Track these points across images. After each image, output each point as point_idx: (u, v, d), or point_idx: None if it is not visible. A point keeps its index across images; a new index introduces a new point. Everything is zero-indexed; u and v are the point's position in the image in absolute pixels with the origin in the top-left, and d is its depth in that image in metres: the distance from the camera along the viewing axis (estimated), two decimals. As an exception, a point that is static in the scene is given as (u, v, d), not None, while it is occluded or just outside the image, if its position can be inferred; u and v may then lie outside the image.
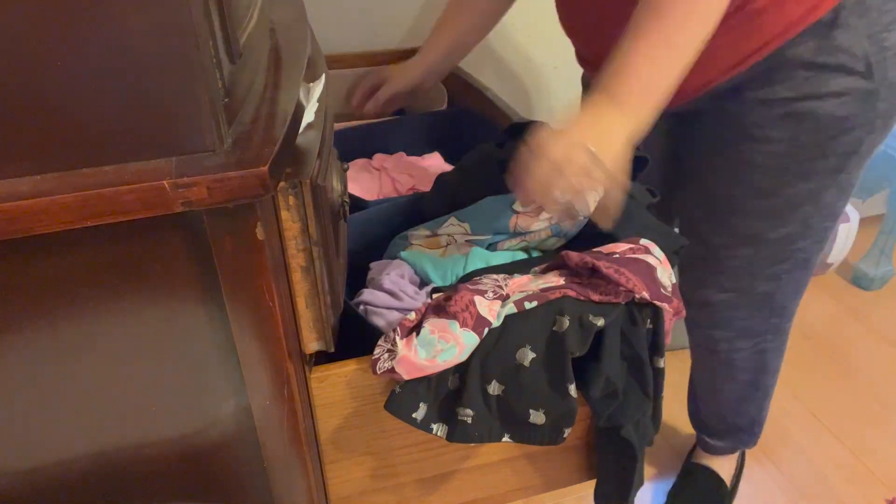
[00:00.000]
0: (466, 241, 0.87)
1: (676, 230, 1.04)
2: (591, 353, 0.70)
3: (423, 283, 0.87)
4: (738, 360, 1.06)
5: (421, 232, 0.90)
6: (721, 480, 1.21)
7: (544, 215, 0.81)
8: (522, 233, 0.83)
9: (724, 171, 0.88)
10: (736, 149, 0.85)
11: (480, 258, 0.84)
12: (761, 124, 0.81)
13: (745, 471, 1.27)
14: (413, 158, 1.17)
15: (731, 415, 1.15)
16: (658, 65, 0.65)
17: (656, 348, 0.72)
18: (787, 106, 0.79)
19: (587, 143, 0.64)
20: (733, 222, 0.90)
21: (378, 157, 1.16)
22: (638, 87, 0.65)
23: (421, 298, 0.82)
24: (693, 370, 1.17)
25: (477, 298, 0.67)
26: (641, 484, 0.79)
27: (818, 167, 0.82)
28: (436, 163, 1.17)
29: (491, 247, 0.86)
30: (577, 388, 0.71)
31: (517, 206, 0.82)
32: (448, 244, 0.89)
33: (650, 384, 0.73)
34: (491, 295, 0.69)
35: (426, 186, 1.10)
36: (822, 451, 1.33)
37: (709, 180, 0.91)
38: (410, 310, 0.81)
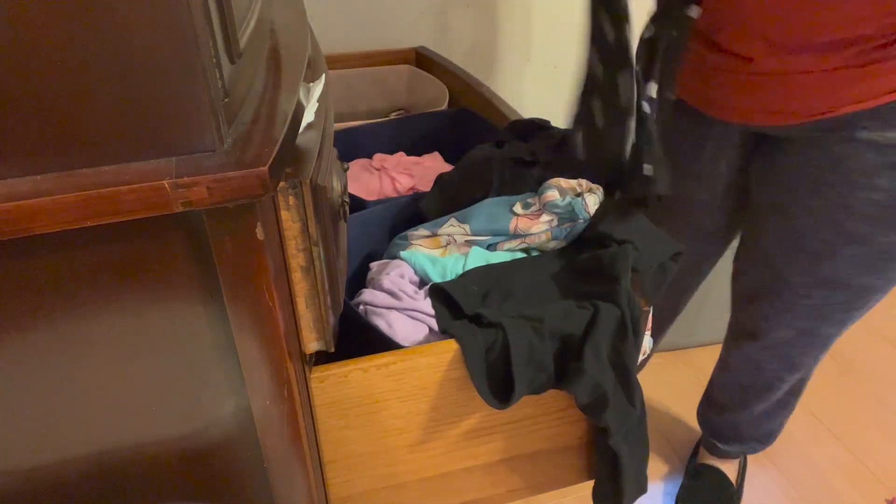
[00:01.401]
0: (466, 241, 0.87)
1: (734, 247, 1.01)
2: (577, 357, 0.70)
3: (422, 282, 0.87)
4: (780, 387, 1.04)
5: (421, 232, 0.90)
6: (728, 480, 1.22)
7: (544, 218, 0.81)
8: (522, 235, 0.83)
9: (817, 213, 0.82)
10: (835, 192, 0.80)
11: (480, 258, 0.85)
12: (868, 171, 0.76)
13: (746, 471, 1.27)
14: (413, 158, 1.17)
15: (750, 428, 1.14)
16: None
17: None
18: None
19: None
20: (817, 265, 0.86)
21: (378, 157, 1.16)
22: None
23: (421, 298, 0.82)
24: (720, 382, 1.13)
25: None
26: (643, 491, 0.79)
27: None
28: (436, 163, 1.17)
29: (491, 247, 0.86)
30: (566, 392, 0.71)
31: (517, 209, 0.82)
32: (448, 244, 0.89)
33: (636, 394, 0.73)
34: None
35: (426, 186, 1.10)
36: (822, 451, 1.33)
37: (797, 218, 0.85)
38: (411, 310, 0.81)
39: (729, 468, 1.23)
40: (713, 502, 1.19)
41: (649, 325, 0.81)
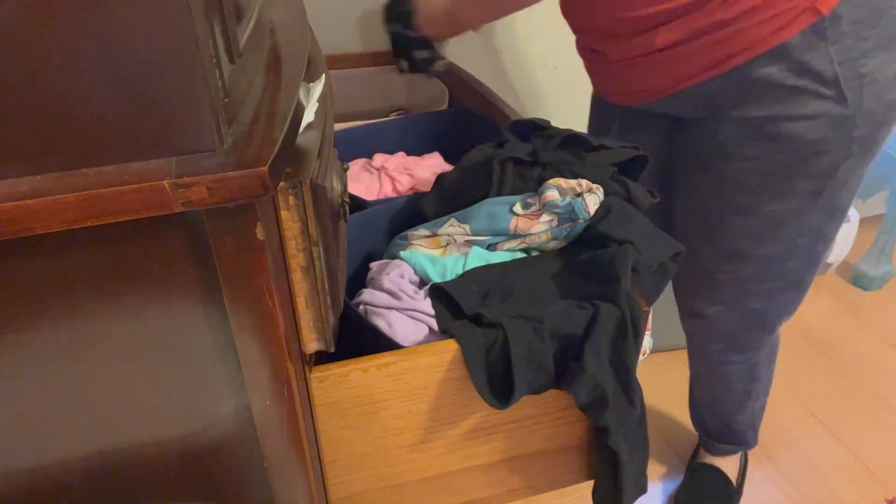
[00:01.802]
0: (466, 241, 0.87)
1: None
2: (577, 357, 0.70)
3: (422, 282, 0.87)
4: (732, 371, 1.08)
5: (421, 232, 0.90)
6: (728, 479, 1.22)
7: (544, 218, 0.81)
8: (522, 235, 0.83)
9: (704, 186, 0.90)
10: (714, 164, 0.87)
11: (480, 258, 0.85)
12: (736, 142, 0.83)
13: (746, 470, 1.27)
14: (413, 158, 1.17)
15: (728, 419, 1.17)
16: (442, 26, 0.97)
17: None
18: (760, 125, 0.80)
19: None
20: (716, 237, 0.92)
21: (378, 157, 1.16)
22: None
23: (421, 298, 0.82)
24: (691, 379, 1.18)
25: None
26: (643, 491, 0.79)
27: (794, 188, 0.83)
28: (436, 163, 1.17)
29: (491, 247, 0.86)
30: (566, 391, 0.71)
31: (517, 209, 0.82)
32: (448, 244, 0.89)
33: (636, 394, 0.73)
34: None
35: (426, 186, 1.10)
36: (822, 451, 1.33)
37: (693, 194, 0.93)
38: (410, 310, 0.81)
39: (729, 467, 1.23)
40: (713, 501, 1.20)
41: (649, 325, 0.81)
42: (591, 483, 0.88)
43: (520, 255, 0.85)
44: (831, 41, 0.74)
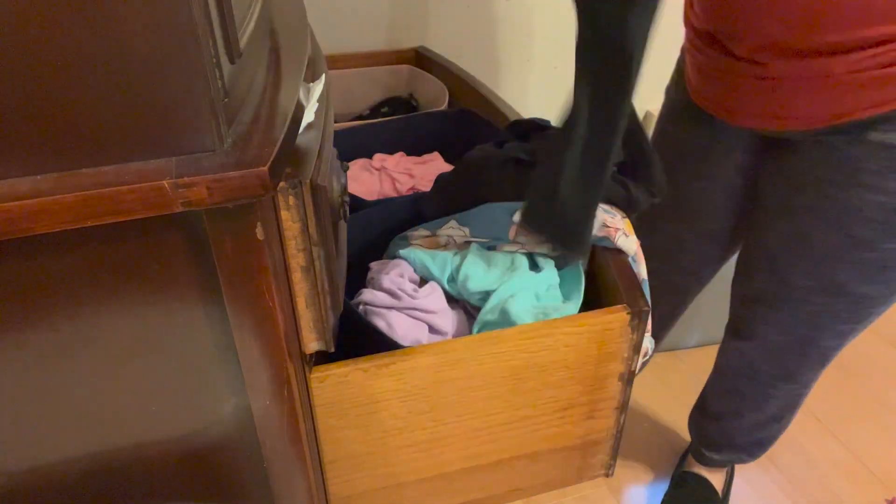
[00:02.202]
0: (465, 241, 0.87)
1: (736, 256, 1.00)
2: None
3: (423, 281, 0.87)
4: (774, 396, 1.02)
5: (420, 232, 0.90)
6: (714, 490, 1.21)
7: None
8: (521, 242, 0.83)
9: (824, 215, 0.81)
10: (844, 193, 0.78)
11: (479, 255, 0.85)
12: (878, 172, 0.75)
13: (745, 471, 1.27)
14: (413, 158, 1.17)
15: (741, 437, 1.12)
16: None
17: None
18: None
19: None
20: (821, 269, 0.84)
21: (378, 157, 1.16)
22: None
23: (421, 297, 0.82)
24: (715, 387, 1.12)
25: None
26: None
27: None
28: (436, 163, 1.17)
29: (490, 248, 0.86)
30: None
31: (517, 217, 0.82)
32: (447, 244, 0.89)
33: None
34: None
35: (426, 186, 1.10)
36: (822, 451, 1.33)
37: (804, 220, 0.84)
38: (410, 309, 0.82)
39: (715, 478, 1.21)
40: None
41: (649, 326, 0.81)
42: (590, 483, 0.88)
43: (520, 257, 0.85)
44: None
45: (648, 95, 1.73)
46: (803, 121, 0.76)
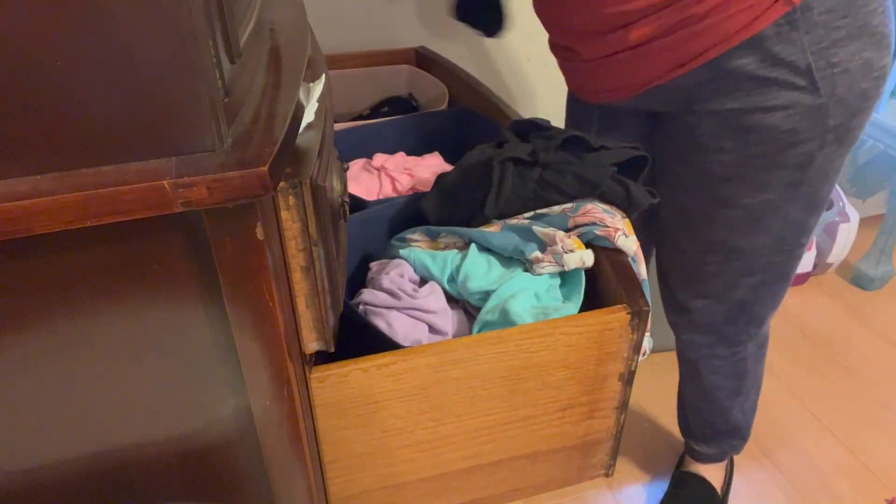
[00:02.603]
0: (466, 242, 0.87)
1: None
2: None
3: (422, 281, 0.87)
4: (720, 366, 1.08)
5: (418, 236, 0.90)
6: (713, 489, 1.21)
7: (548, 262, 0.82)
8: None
9: (685, 181, 0.90)
10: (693, 158, 0.87)
11: (479, 255, 0.85)
12: (713, 135, 0.83)
13: (745, 471, 1.27)
14: (413, 158, 1.17)
15: (717, 420, 1.16)
16: None
17: None
18: (735, 117, 0.81)
19: None
20: (700, 230, 0.92)
21: (378, 156, 1.16)
22: None
23: (420, 296, 0.82)
24: (680, 380, 1.18)
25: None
26: None
27: (772, 179, 0.84)
28: (436, 163, 1.17)
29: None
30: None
31: (528, 253, 0.82)
32: (446, 247, 0.89)
33: None
34: None
35: (426, 186, 1.10)
36: (822, 451, 1.33)
37: (674, 189, 0.93)
38: (410, 309, 0.82)
39: (714, 476, 1.22)
40: None
41: (649, 325, 0.81)
42: (590, 483, 0.88)
43: (519, 270, 0.85)
44: (803, 31, 0.74)
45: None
46: (627, 90, 0.85)
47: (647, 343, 0.82)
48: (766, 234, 0.89)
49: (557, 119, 1.69)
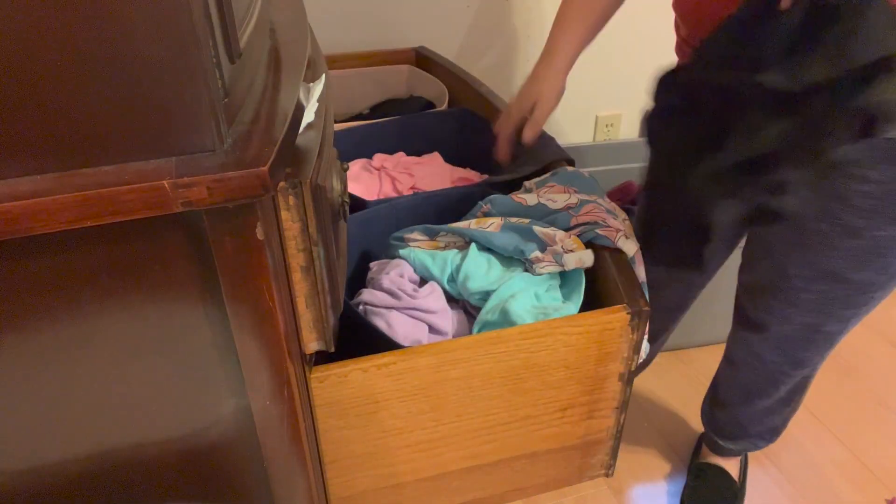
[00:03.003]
0: (466, 242, 0.87)
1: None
2: None
3: (422, 280, 0.87)
4: (783, 382, 1.04)
5: (416, 236, 0.90)
6: (732, 478, 1.22)
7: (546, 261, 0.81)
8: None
9: (814, 204, 0.84)
10: (830, 183, 0.81)
11: (479, 255, 0.85)
12: (860, 162, 0.78)
13: (747, 469, 1.28)
14: (413, 158, 1.17)
15: (753, 425, 1.13)
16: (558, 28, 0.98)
17: None
18: (890, 148, 0.76)
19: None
20: (815, 257, 0.87)
21: (378, 157, 1.16)
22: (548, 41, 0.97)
23: (420, 296, 0.82)
24: (724, 378, 1.13)
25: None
26: None
27: None
28: (436, 163, 1.17)
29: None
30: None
31: (528, 252, 0.82)
32: (446, 246, 0.89)
33: None
34: None
35: (426, 186, 1.10)
36: (822, 451, 1.33)
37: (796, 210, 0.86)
38: (410, 309, 0.81)
39: (731, 466, 1.23)
40: (718, 500, 1.19)
41: (647, 329, 0.81)
42: (590, 483, 0.88)
43: (519, 269, 0.85)
44: None
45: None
46: None
47: (644, 347, 0.82)
48: (882, 271, 0.85)
49: (558, 119, 1.69)
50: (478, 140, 1.03)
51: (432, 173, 1.12)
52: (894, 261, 0.84)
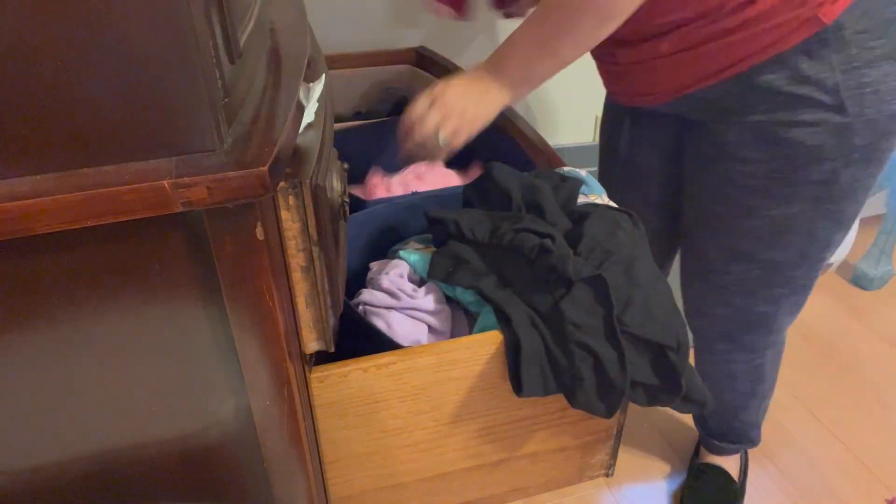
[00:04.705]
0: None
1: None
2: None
3: (422, 281, 0.87)
4: (737, 371, 1.08)
5: (414, 244, 0.91)
6: (731, 477, 1.22)
7: None
8: None
9: (712, 188, 0.90)
10: (720, 166, 0.87)
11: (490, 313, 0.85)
12: (740, 144, 0.84)
13: (748, 468, 1.28)
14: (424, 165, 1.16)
15: (733, 420, 1.17)
16: (537, 62, 0.80)
17: None
18: (761, 129, 0.81)
19: (462, 94, 0.82)
20: (724, 239, 0.92)
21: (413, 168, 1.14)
22: (517, 73, 0.81)
23: (420, 297, 0.82)
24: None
25: None
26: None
27: (797, 193, 0.84)
28: (445, 171, 1.16)
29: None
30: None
31: None
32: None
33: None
34: None
35: (426, 187, 1.10)
36: (822, 451, 1.33)
37: (700, 195, 0.93)
38: (410, 309, 0.81)
39: (731, 465, 1.23)
40: (718, 500, 1.20)
41: None
42: (590, 483, 0.88)
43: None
44: (833, 50, 0.75)
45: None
46: (657, 96, 0.87)
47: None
48: (789, 248, 0.89)
49: (558, 119, 1.69)
50: (480, 140, 1.02)
51: (438, 175, 1.12)
52: (797, 238, 0.88)
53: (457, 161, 1.19)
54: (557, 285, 0.77)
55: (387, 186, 1.10)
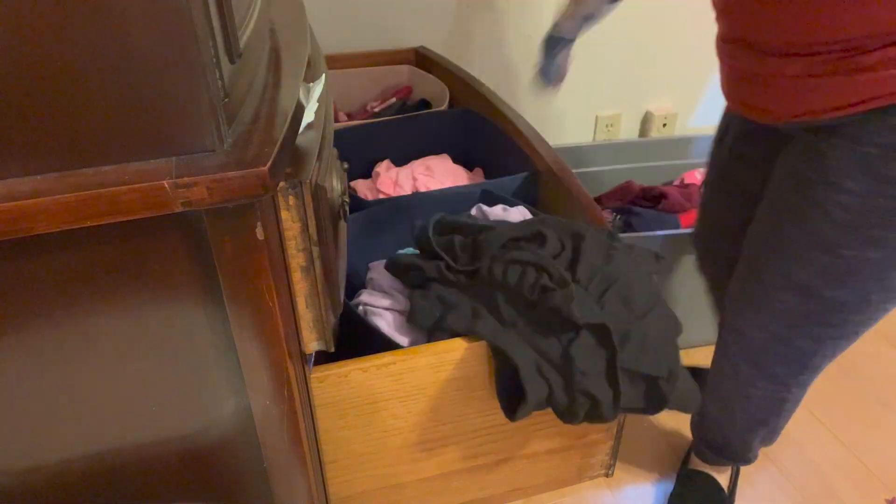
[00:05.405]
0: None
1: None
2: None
3: (423, 282, 0.87)
4: (757, 398, 1.03)
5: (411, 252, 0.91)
6: (720, 486, 1.21)
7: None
8: None
9: (793, 210, 0.83)
10: (813, 190, 0.80)
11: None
12: (842, 171, 0.77)
13: (745, 471, 1.27)
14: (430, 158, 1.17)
15: (735, 440, 1.12)
16: None
17: None
18: (871, 160, 0.75)
19: None
20: (788, 265, 0.86)
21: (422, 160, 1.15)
22: None
23: (421, 298, 0.82)
24: (709, 388, 1.14)
25: None
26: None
27: (886, 238, 0.77)
28: (448, 162, 1.17)
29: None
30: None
31: None
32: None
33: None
34: None
35: (434, 179, 1.10)
36: (822, 451, 1.33)
37: (779, 215, 0.86)
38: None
39: (721, 475, 1.21)
40: None
41: None
42: (590, 483, 0.88)
43: None
44: None
45: (649, 94, 1.71)
46: (770, 114, 0.81)
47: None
48: (854, 292, 0.83)
49: (559, 119, 1.69)
50: (481, 141, 1.03)
51: (447, 170, 1.12)
52: (869, 284, 0.82)
53: (457, 158, 1.20)
54: (564, 328, 0.76)
55: (394, 179, 1.10)
